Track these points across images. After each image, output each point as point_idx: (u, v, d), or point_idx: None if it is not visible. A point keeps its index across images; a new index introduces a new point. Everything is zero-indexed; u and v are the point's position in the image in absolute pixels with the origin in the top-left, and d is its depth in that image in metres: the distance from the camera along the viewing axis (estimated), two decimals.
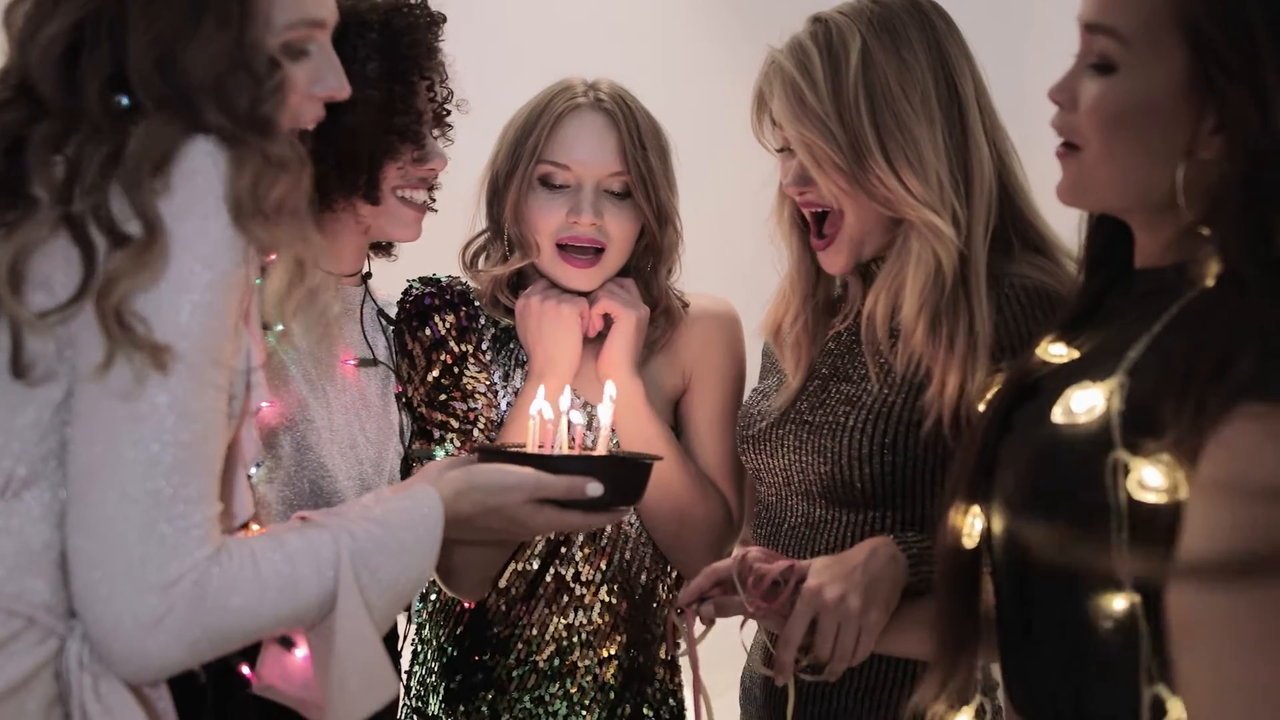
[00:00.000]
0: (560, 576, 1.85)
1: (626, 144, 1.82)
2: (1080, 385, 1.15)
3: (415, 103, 1.69)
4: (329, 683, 1.27)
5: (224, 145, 1.19)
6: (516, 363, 1.89)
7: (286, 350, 1.71)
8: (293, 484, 1.68)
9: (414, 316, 1.88)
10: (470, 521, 1.44)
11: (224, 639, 1.21)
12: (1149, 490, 1.04)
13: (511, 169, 1.84)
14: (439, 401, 1.85)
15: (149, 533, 1.15)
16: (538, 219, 1.84)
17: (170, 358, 1.15)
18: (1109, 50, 1.14)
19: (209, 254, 1.16)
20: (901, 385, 1.65)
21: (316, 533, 1.28)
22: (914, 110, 1.61)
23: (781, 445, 1.73)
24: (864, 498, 1.66)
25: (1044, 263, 1.63)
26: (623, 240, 1.85)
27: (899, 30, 1.63)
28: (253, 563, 1.22)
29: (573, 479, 1.45)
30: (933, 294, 1.60)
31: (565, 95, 1.85)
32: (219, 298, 1.17)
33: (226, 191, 1.17)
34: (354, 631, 1.26)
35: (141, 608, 1.15)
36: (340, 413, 1.74)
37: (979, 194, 1.62)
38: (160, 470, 1.15)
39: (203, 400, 1.18)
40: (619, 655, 1.87)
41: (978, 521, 1.27)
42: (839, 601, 1.45)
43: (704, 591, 1.53)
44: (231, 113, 1.21)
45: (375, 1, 1.69)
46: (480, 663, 1.87)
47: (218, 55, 1.22)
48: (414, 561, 1.34)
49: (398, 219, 1.75)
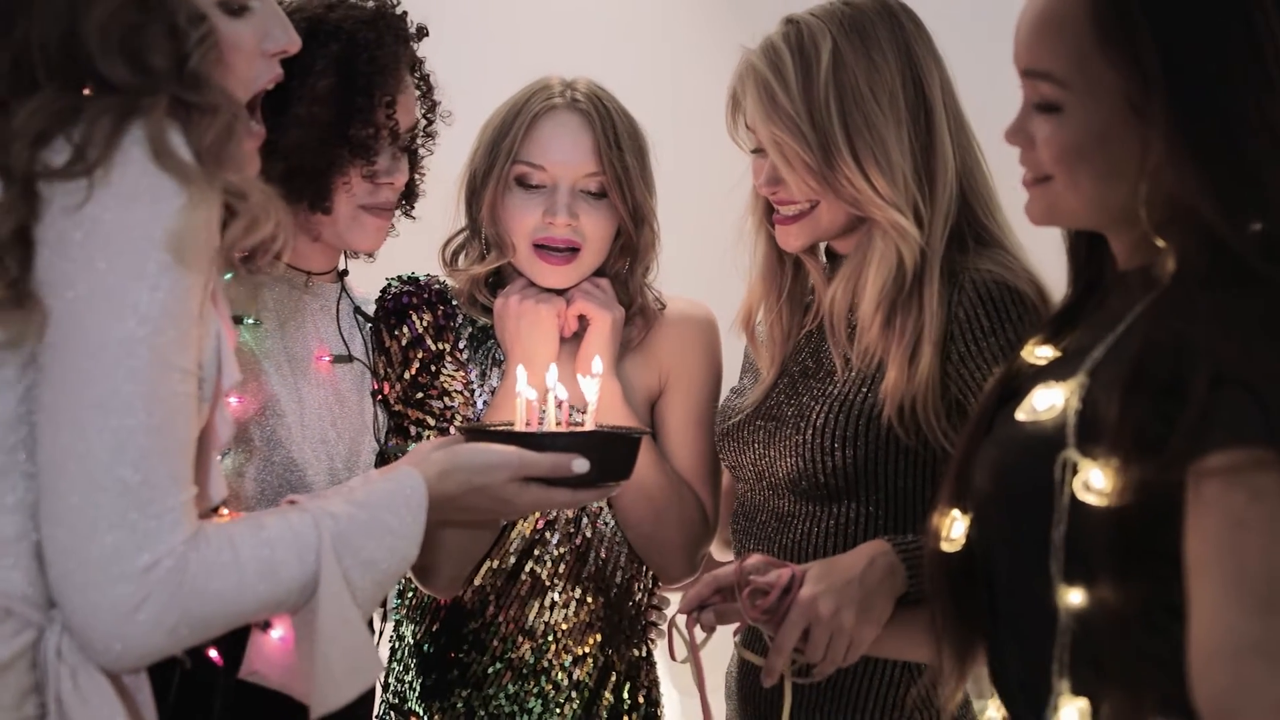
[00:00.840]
0: (535, 574, 1.85)
1: (602, 144, 1.82)
2: (1045, 384, 1.18)
3: (371, 119, 1.68)
4: (314, 666, 1.26)
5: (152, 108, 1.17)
6: (493, 361, 1.89)
7: (259, 344, 1.71)
8: (263, 478, 1.68)
9: (392, 314, 1.88)
10: (456, 501, 1.43)
11: (205, 624, 1.20)
12: (1092, 492, 1.06)
13: (488, 169, 1.85)
14: (415, 399, 1.86)
15: (120, 520, 1.14)
16: (514, 219, 1.84)
17: (129, 342, 1.14)
18: (1049, 93, 1.17)
19: (161, 236, 1.15)
20: (860, 378, 1.68)
21: (298, 516, 1.27)
22: (882, 111, 1.65)
23: (753, 440, 1.77)
24: (831, 490, 1.68)
25: (1000, 255, 1.66)
26: (598, 240, 1.85)
27: (869, 32, 1.67)
28: (231, 547, 1.21)
29: (558, 456, 1.44)
30: (891, 290, 1.64)
31: (541, 95, 1.85)
32: (177, 279, 1.16)
33: (155, 150, 1.15)
34: (337, 614, 1.26)
35: (118, 595, 1.14)
36: (313, 408, 1.74)
37: (942, 194, 1.66)
38: (128, 457, 1.14)
39: (169, 384, 1.17)
40: (594, 653, 1.87)
41: (958, 524, 1.28)
42: (833, 615, 1.46)
43: (705, 599, 1.54)
44: (144, 69, 1.19)
45: (350, 11, 1.68)
46: (456, 659, 1.87)
47: (120, 11, 1.19)
48: (398, 543, 1.33)
49: (357, 228, 1.75)
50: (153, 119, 1.16)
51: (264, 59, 1.36)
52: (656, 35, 3.66)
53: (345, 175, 1.70)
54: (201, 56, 1.23)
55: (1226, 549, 0.98)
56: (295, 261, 1.76)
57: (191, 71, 1.22)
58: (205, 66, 1.24)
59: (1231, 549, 0.98)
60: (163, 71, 1.20)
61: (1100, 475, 1.05)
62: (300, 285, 1.79)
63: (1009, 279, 1.62)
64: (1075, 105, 1.16)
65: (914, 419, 1.62)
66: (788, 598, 1.48)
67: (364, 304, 1.89)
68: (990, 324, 1.60)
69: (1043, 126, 1.18)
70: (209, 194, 1.17)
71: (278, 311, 1.74)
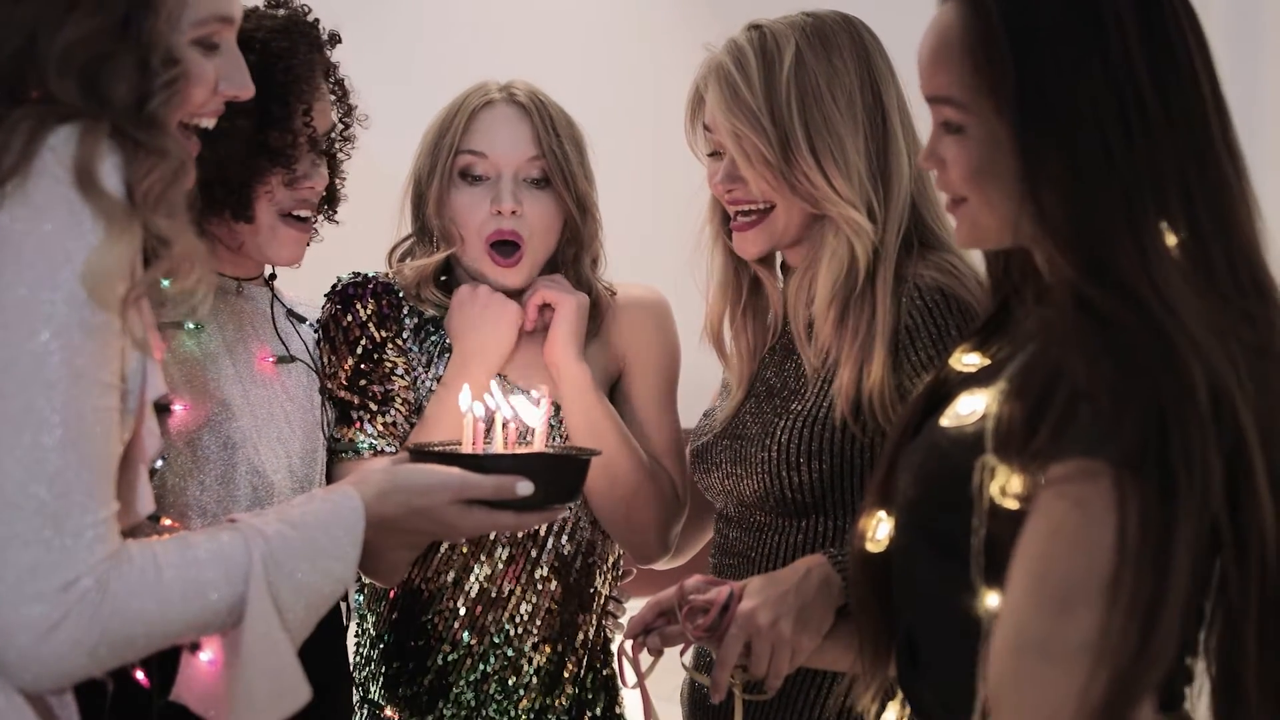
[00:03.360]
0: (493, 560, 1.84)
1: (540, 132, 1.87)
2: (970, 391, 1.21)
3: (289, 126, 1.68)
4: (235, 689, 1.22)
5: (86, 127, 1.15)
6: (441, 351, 1.89)
7: (203, 348, 1.69)
8: (227, 484, 1.66)
9: (338, 303, 1.89)
10: (396, 524, 1.38)
11: (127, 645, 1.16)
12: (1008, 496, 1.08)
13: (431, 167, 1.89)
14: (359, 386, 1.86)
15: (34, 538, 1.10)
16: (461, 214, 1.88)
17: (42, 355, 1.11)
18: (951, 115, 1.21)
19: (75, 247, 1.12)
20: (824, 392, 1.69)
21: (229, 535, 1.24)
22: (840, 112, 1.69)
23: (721, 460, 1.79)
24: (799, 506, 1.69)
25: (943, 259, 1.68)
26: (544, 230, 1.89)
27: (831, 39, 1.72)
28: (155, 566, 1.17)
29: (501, 478, 1.40)
30: (844, 287, 1.68)
31: (479, 92, 1.91)
32: (93, 292, 1.13)
33: (80, 172, 1.13)
34: (264, 636, 1.22)
35: (33, 615, 1.10)
36: (264, 408, 1.73)
37: (896, 195, 1.70)
38: (43, 474, 1.11)
39: (87, 398, 1.13)
40: (554, 639, 1.87)
41: (883, 525, 1.30)
42: (771, 625, 1.49)
43: (648, 624, 1.55)
44: (97, 96, 1.18)
45: (262, 21, 1.68)
46: (415, 649, 1.86)
47: (91, 38, 1.18)
48: (332, 565, 1.29)
49: (275, 242, 1.74)
50: (87, 143, 1.14)
51: (215, 96, 1.35)
52: (633, 36, 3.65)
53: (266, 183, 1.70)
54: (164, 101, 1.23)
55: (1038, 552, 1.05)
56: (223, 269, 1.76)
57: (150, 112, 1.21)
58: (166, 110, 1.23)
59: (1042, 553, 1.04)
60: (118, 102, 1.18)
61: (1017, 481, 1.08)
62: (233, 290, 1.78)
63: (954, 286, 1.64)
64: (974, 126, 1.19)
65: (872, 418, 1.63)
66: (727, 615, 1.49)
67: (295, 306, 1.90)
68: (937, 331, 1.62)
69: (950, 148, 1.23)
70: (129, 233, 1.15)
71: (216, 316, 1.73)
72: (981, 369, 1.28)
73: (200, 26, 1.29)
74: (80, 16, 1.19)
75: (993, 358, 1.28)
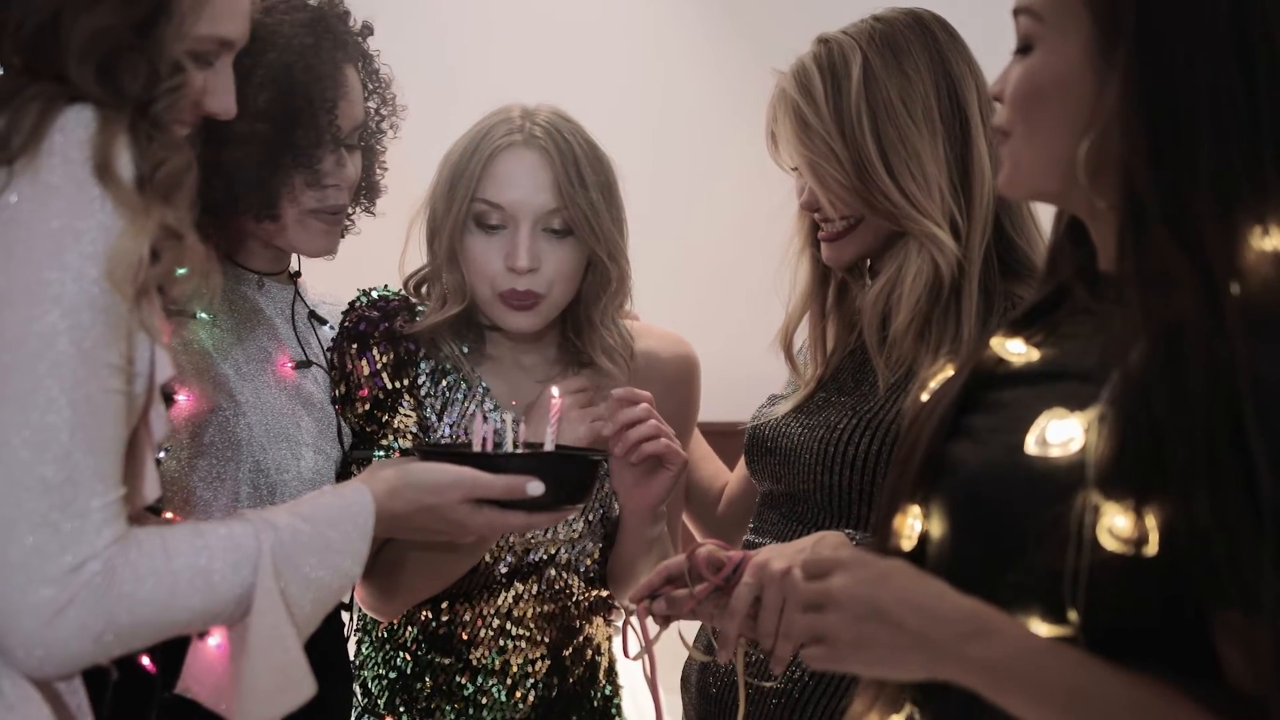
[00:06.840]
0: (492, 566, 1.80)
1: (563, 181, 1.74)
2: (1056, 413, 1.10)
3: (312, 125, 1.64)
4: (240, 681, 1.22)
5: (104, 114, 1.15)
6: (455, 396, 1.83)
7: (215, 341, 1.67)
8: (229, 480, 1.63)
9: (354, 340, 1.82)
10: (406, 520, 1.39)
11: (132, 632, 1.15)
12: (1115, 539, 1.02)
13: (447, 208, 1.78)
14: (367, 432, 1.81)
15: (41, 521, 1.10)
16: (474, 264, 1.76)
17: (50, 335, 1.11)
18: (1029, 30, 1.14)
19: (84, 228, 1.12)
20: (894, 399, 1.66)
21: (240, 525, 1.24)
22: (915, 124, 1.65)
23: (777, 445, 1.76)
24: (845, 502, 1.68)
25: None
26: (563, 281, 1.77)
27: (901, 45, 1.68)
28: (164, 553, 1.16)
29: (512, 478, 1.40)
30: (926, 303, 1.64)
31: (500, 130, 1.77)
32: (103, 273, 1.13)
33: (99, 159, 1.13)
34: (270, 629, 1.21)
35: (39, 599, 1.10)
36: (276, 409, 1.70)
37: (979, 204, 1.66)
38: (50, 455, 1.10)
39: (96, 379, 1.13)
40: (554, 641, 1.84)
41: (917, 523, 1.23)
42: (784, 574, 1.39)
43: (655, 588, 1.47)
44: (115, 87, 1.18)
45: (284, 14, 1.63)
46: (416, 650, 1.84)
47: (114, 30, 1.19)
48: (341, 560, 1.29)
49: (304, 234, 1.71)
50: (107, 132, 1.14)
51: (196, 108, 1.35)
52: (648, 37, 3.65)
53: (289, 183, 1.66)
54: (167, 106, 1.23)
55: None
56: (247, 263, 1.73)
57: (154, 114, 1.22)
58: (168, 115, 1.24)
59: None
60: (131, 97, 1.19)
61: (1124, 521, 1.01)
62: (254, 286, 1.75)
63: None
64: (1045, 45, 1.13)
65: None
66: (738, 573, 1.41)
67: (318, 305, 1.85)
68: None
69: (1015, 70, 1.15)
70: (148, 222, 1.15)
71: (233, 311, 1.71)
72: (1046, 369, 1.18)
73: (201, 42, 1.31)
74: (106, 8, 1.19)
75: (1039, 348, 1.21)
